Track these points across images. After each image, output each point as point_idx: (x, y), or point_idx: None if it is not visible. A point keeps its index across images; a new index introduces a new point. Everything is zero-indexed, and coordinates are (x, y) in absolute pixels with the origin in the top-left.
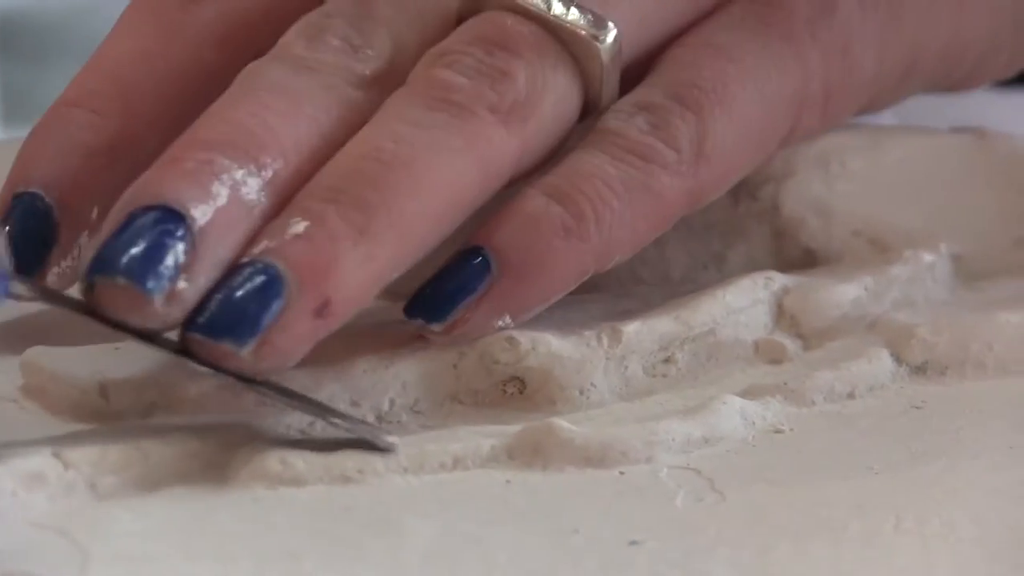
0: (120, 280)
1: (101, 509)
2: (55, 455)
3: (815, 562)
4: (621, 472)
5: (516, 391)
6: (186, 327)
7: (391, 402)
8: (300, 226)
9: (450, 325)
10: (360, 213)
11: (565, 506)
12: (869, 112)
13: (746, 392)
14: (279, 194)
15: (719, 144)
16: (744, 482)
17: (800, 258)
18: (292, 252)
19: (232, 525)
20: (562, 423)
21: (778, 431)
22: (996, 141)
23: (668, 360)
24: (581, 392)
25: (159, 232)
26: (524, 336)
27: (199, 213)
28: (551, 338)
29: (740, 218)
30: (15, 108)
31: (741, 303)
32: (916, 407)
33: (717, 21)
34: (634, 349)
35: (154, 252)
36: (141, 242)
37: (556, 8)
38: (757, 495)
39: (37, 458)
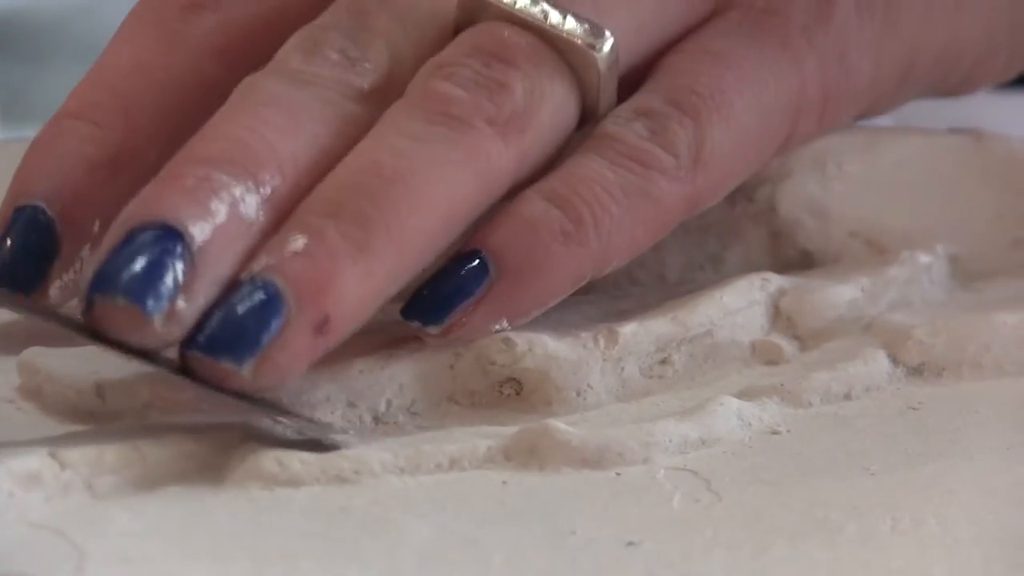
0: (120, 300)
1: (98, 509)
2: (52, 455)
3: (811, 563)
4: (618, 473)
5: (513, 392)
6: (185, 345)
7: (388, 403)
8: (299, 242)
9: (447, 328)
10: (359, 229)
11: (562, 507)
12: (867, 117)
13: (743, 393)
14: (277, 210)
15: (717, 150)
16: (741, 483)
17: (797, 259)
18: (291, 269)
19: (229, 525)
20: (559, 424)
21: (775, 432)
22: (993, 143)
23: (665, 361)
24: (578, 393)
25: (158, 251)
26: (520, 337)
27: (198, 231)
28: (547, 339)
29: (737, 219)
30: (11, 108)
31: (738, 304)
32: (913, 408)
33: (714, 27)
34: (631, 350)
35: (153, 271)
36: (140, 261)
37: (553, 18)
38: (754, 496)
39: (34, 458)
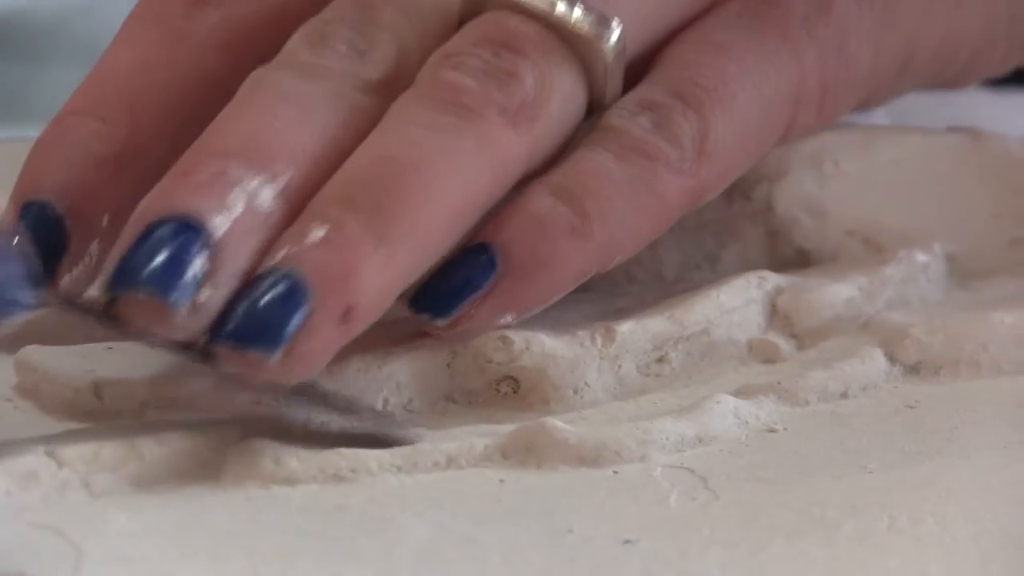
0: (143, 293)
1: (95, 508)
2: (49, 454)
3: (809, 561)
4: (615, 471)
5: (510, 390)
6: (213, 337)
7: (385, 401)
8: (319, 233)
9: (454, 321)
10: (377, 218)
11: (559, 505)
12: (865, 108)
13: (740, 391)
14: (292, 202)
15: (720, 143)
16: (738, 481)
17: (794, 258)
18: (313, 259)
19: (226, 524)
20: (556, 422)
21: (772, 430)
22: (990, 142)
23: (662, 359)
24: (575, 391)
25: (178, 244)
26: (518, 335)
27: (216, 224)
28: (545, 338)
29: (734, 218)
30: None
31: (735, 303)
32: (910, 407)
33: (716, 18)
34: (628, 348)
35: (175, 264)
36: (162, 254)
37: (560, 7)
38: (751, 494)
39: (31, 457)
